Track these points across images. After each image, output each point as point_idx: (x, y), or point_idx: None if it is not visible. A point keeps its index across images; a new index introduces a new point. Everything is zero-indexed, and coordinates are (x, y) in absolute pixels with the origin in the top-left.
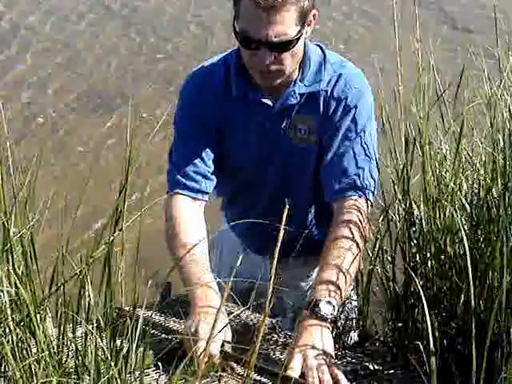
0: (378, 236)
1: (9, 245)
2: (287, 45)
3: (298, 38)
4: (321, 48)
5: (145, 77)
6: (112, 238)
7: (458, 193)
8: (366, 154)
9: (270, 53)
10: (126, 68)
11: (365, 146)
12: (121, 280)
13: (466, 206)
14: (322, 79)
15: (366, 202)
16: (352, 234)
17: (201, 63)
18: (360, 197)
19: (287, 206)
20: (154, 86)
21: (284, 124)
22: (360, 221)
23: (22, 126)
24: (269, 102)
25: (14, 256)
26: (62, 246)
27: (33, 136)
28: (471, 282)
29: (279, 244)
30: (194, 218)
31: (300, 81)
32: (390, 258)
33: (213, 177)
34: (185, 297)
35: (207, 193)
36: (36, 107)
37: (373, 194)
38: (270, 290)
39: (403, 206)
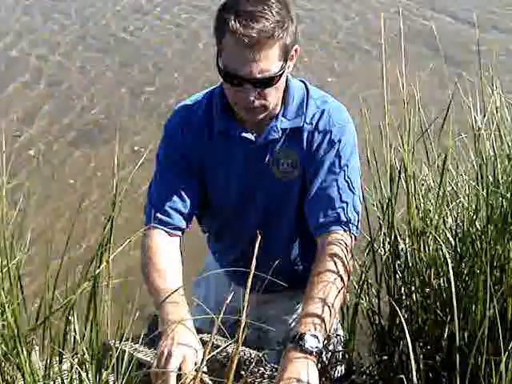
0: (363, 269)
1: None
2: (270, 81)
3: (281, 74)
4: (304, 83)
5: (137, 110)
6: (98, 271)
7: (442, 226)
8: (349, 189)
9: (253, 89)
10: (118, 101)
11: (348, 181)
12: (107, 313)
13: (451, 239)
14: (304, 114)
15: (350, 236)
16: (336, 267)
17: (193, 95)
18: (344, 231)
19: (259, 238)
20: (146, 119)
21: (267, 159)
22: (344, 255)
23: (12, 158)
24: (251, 137)
25: (1, 289)
26: (49, 278)
27: (23, 168)
28: (456, 315)
29: (251, 275)
30: (168, 248)
31: (282, 115)
32: (375, 291)
33: (189, 214)
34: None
35: (182, 229)
36: (26, 140)
37: (356, 227)
38: (243, 323)
39: (388, 239)
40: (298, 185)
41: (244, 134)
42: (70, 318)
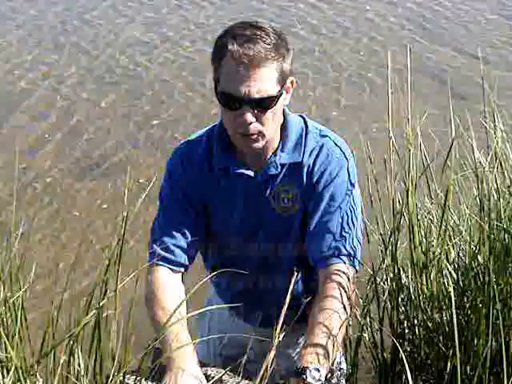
0: (367, 302)
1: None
2: (268, 102)
3: (278, 98)
4: (303, 118)
5: (144, 143)
6: (102, 302)
7: (445, 260)
8: (349, 222)
9: (251, 111)
10: (123, 134)
11: (349, 213)
12: (111, 345)
13: (453, 272)
14: (303, 149)
15: (351, 268)
16: (338, 300)
17: (199, 130)
18: (345, 263)
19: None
20: (152, 152)
21: (267, 194)
22: (346, 287)
23: (17, 190)
24: (250, 174)
25: (5, 320)
26: (54, 310)
27: (29, 201)
28: (457, 349)
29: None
30: (172, 284)
31: (281, 151)
32: (377, 325)
33: (192, 250)
34: None
35: (186, 265)
36: (32, 172)
37: (358, 260)
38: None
39: (391, 275)
40: (298, 219)
41: (243, 171)
42: (73, 350)
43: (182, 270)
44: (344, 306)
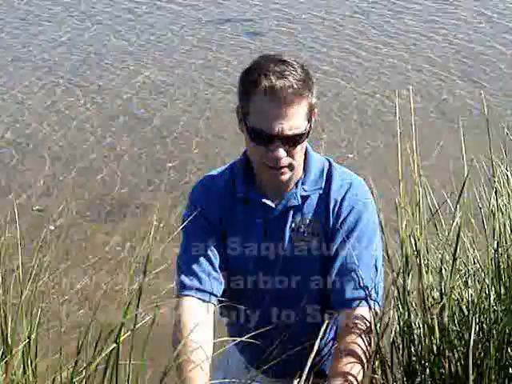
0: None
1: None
2: (299, 138)
3: (308, 133)
4: (327, 159)
5: (156, 185)
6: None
7: (455, 298)
8: (374, 266)
9: (283, 147)
10: (137, 176)
11: (373, 258)
12: None
13: (464, 310)
14: (330, 184)
15: (372, 313)
16: (358, 350)
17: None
18: (369, 308)
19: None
20: (165, 195)
21: (287, 226)
22: (366, 334)
23: (33, 233)
24: (271, 204)
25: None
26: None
27: (44, 244)
28: None
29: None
30: (200, 323)
31: (302, 183)
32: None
33: (220, 277)
34: None
35: (215, 295)
36: (48, 215)
37: (379, 304)
38: None
39: (402, 317)
40: (317, 254)
41: (264, 200)
42: None
43: (212, 299)
44: (362, 356)
